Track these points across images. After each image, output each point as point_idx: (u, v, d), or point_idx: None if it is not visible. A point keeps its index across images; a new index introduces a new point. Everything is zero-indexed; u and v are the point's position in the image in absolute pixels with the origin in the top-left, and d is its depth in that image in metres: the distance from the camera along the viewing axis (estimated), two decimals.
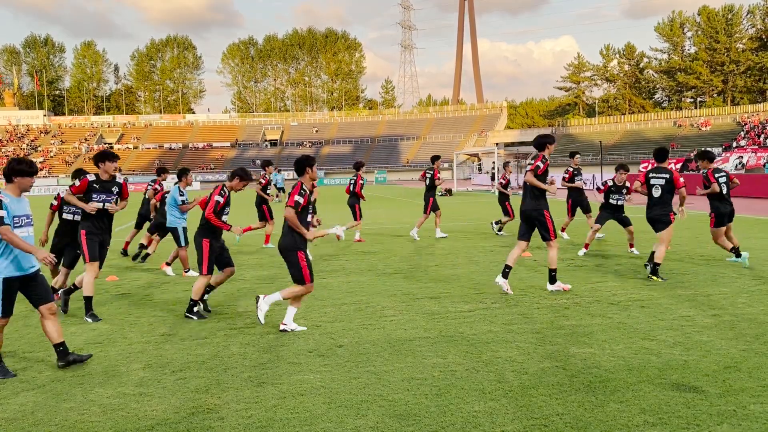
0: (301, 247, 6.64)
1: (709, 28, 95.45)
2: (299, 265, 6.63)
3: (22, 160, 5.58)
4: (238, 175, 7.67)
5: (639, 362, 5.37)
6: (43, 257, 5.34)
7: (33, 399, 4.91)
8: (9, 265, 5.38)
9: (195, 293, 7.40)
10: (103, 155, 7.70)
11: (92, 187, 7.53)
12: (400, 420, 4.29)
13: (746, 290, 8.19)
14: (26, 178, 5.56)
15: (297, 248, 6.63)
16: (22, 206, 5.55)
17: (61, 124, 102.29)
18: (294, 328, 6.73)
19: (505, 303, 7.82)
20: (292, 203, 6.53)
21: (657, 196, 9.23)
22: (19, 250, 5.34)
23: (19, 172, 5.52)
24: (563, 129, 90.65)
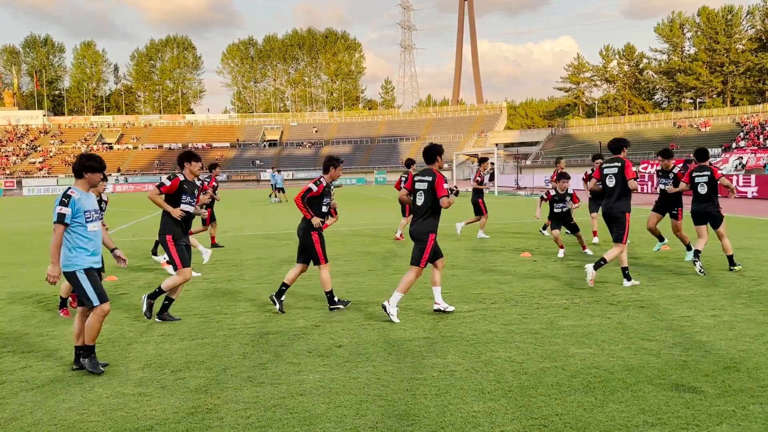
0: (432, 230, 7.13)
1: (708, 29, 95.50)
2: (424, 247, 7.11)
3: (92, 156, 5.62)
4: (333, 165, 7.75)
5: (638, 362, 5.37)
6: (52, 274, 5.33)
7: (32, 399, 4.91)
8: (88, 256, 5.48)
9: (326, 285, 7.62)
10: (190, 155, 7.53)
11: (182, 188, 7.33)
12: (400, 420, 4.29)
13: (745, 291, 8.19)
14: (96, 174, 5.61)
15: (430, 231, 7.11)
16: (91, 201, 5.60)
17: (61, 124, 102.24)
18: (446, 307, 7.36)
19: (504, 303, 7.82)
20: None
21: (703, 193, 9.82)
22: (53, 248, 5.36)
23: (89, 168, 5.56)
24: (563, 130, 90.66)
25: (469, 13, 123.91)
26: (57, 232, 5.35)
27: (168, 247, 7.21)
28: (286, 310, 7.69)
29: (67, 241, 5.43)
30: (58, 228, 5.35)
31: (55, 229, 5.35)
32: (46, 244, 16.12)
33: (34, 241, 17.09)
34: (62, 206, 5.35)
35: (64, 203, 5.36)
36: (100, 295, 5.49)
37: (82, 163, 5.55)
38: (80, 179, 5.60)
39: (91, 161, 5.57)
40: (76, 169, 5.56)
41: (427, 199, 7.13)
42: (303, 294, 8.78)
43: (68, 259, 5.44)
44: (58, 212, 5.35)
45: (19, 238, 18.32)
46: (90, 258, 5.51)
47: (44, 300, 8.84)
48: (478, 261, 11.48)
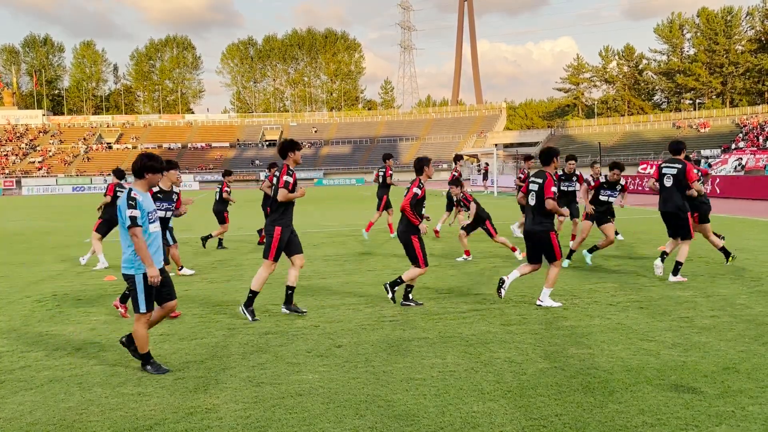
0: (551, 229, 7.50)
1: (708, 30, 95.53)
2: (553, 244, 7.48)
3: (153, 156, 5.60)
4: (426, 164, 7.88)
5: (638, 363, 5.37)
6: (152, 276, 5.34)
7: (31, 398, 4.90)
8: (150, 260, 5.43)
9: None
10: (293, 144, 7.46)
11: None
12: (399, 420, 4.29)
13: (745, 291, 8.19)
14: (157, 174, 5.59)
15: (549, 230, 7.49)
16: (150, 202, 5.57)
17: (60, 123, 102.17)
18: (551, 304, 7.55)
19: (503, 303, 7.82)
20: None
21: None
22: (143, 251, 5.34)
23: (151, 168, 5.53)
24: (562, 130, 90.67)
25: (468, 13, 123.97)
26: (137, 235, 5.28)
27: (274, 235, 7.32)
28: (282, 311, 7.68)
29: (131, 243, 5.39)
30: (135, 231, 5.29)
31: (135, 233, 5.28)
32: (46, 244, 16.12)
33: (34, 241, 17.08)
34: (131, 209, 5.30)
35: (132, 205, 5.31)
36: (149, 304, 5.45)
37: (144, 164, 5.51)
38: (140, 179, 5.56)
39: (152, 161, 5.54)
40: (137, 170, 5.52)
41: (539, 199, 7.51)
42: (302, 295, 8.78)
43: (130, 261, 5.40)
44: (129, 216, 5.28)
45: (18, 237, 18.31)
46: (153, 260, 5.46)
47: (43, 300, 8.84)
48: (478, 261, 11.48)
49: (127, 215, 5.29)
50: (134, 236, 5.29)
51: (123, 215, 5.33)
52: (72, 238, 17.30)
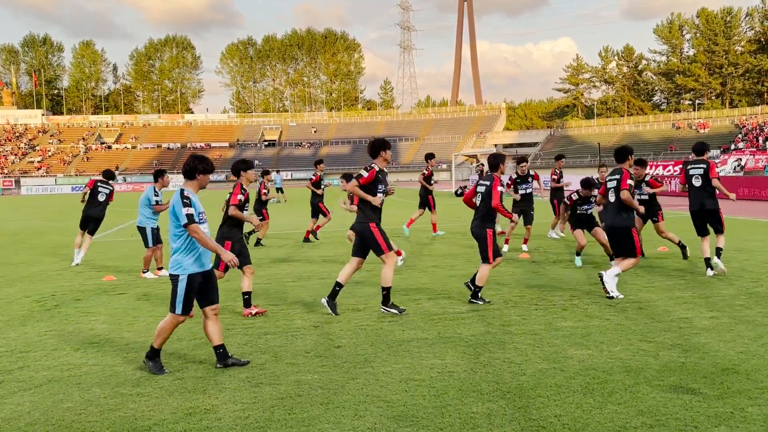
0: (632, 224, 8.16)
1: (707, 31, 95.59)
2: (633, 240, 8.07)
3: (204, 158, 5.62)
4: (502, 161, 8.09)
5: (637, 364, 5.37)
6: (229, 258, 5.37)
7: (30, 399, 4.90)
8: (194, 262, 5.42)
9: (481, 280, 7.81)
10: (384, 143, 7.60)
11: (378, 178, 7.45)
12: (398, 421, 4.29)
13: (744, 292, 8.19)
14: (207, 176, 5.61)
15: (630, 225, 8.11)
16: (199, 203, 5.58)
17: (60, 123, 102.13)
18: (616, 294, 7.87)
19: (502, 304, 7.82)
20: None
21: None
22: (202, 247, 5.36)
23: (203, 170, 5.55)
24: (562, 131, 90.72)
25: (468, 13, 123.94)
26: (196, 231, 5.29)
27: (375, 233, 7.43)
28: (283, 311, 7.68)
29: (184, 243, 5.38)
30: (194, 227, 5.29)
31: (193, 230, 5.28)
32: (44, 244, 16.11)
33: (32, 241, 17.07)
34: (186, 207, 5.30)
35: (187, 204, 5.32)
36: (185, 308, 5.44)
37: (195, 165, 5.52)
38: (191, 180, 5.56)
39: (204, 163, 5.55)
40: (189, 171, 5.52)
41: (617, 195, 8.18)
42: (301, 295, 8.77)
43: (177, 262, 5.40)
44: (186, 213, 5.28)
45: (17, 237, 18.30)
46: (198, 262, 5.44)
47: (42, 300, 8.83)
48: (477, 262, 11.46)
49: (183, 213, 5.29)
50: (194, 233, 5.30)
51: (179, 214, 5.32)
52: (71, 238, 17.27)
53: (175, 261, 5.41)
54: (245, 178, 7.72)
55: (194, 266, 5.42)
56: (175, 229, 5.39)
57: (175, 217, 5.36)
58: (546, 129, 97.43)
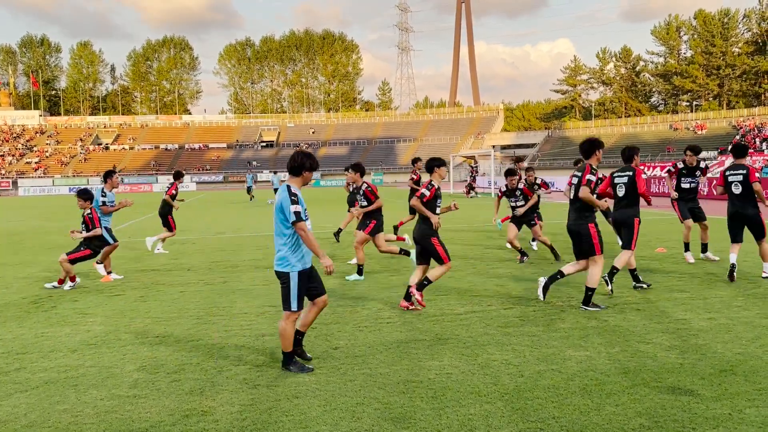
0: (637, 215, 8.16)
1: (705, 32, 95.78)
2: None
3: (310, 155, 5.59)
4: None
5: (635, 365, 5.37)
6: (328, 265, 5.36)
7: (26, 401, 4.88)
8: (301, 259, 5.43)
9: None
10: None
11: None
12: (396, 423, 4.27)
13: (742, 293, 8.20)
14: (312, 173, 5.62)
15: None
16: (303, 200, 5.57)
17: (57, 124, 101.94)
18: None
19: (500, 305, 7.81)
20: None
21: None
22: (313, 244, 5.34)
23: (310, 167, 5.55)
24: (559, 132, 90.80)
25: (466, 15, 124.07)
26: (303, 229, 5.29)
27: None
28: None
29: (290, 240, 5.38)
30: (301, 225, 5.28)
31: (300, 227, 5.28)
32: (42, 245, 16.06)
33: (29, 242, 17.03)
34: (294, 204, 5.29)
35: (294, 201, 5.31)
36: (300, 303, 5.44)
37: (303, 162, 5.50)
38: (297, 177, 5.54)
39: (310, 160, 5.54)
40: (296, 167, 5.50)
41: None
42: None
43: (285, 259, 5.39)
44: (293, 211, 5.26)
45: (15, 238, 18.25)
46: (304, 259, 5.46)
47: (38, 301, 8.81)
48: (475, 263, 11.46)
49: (291, 211, 5.27)
50: (301, 231, 5.29)
51: (287, 212, 5.30)
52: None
53: (282, 259, 5.40)
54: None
55: (301, 263, 5.43)
56: (282, 227, 5.38)
57: (283, 215, 5.35)
58: (544, 130, 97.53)
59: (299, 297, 5.42)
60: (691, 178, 10.97)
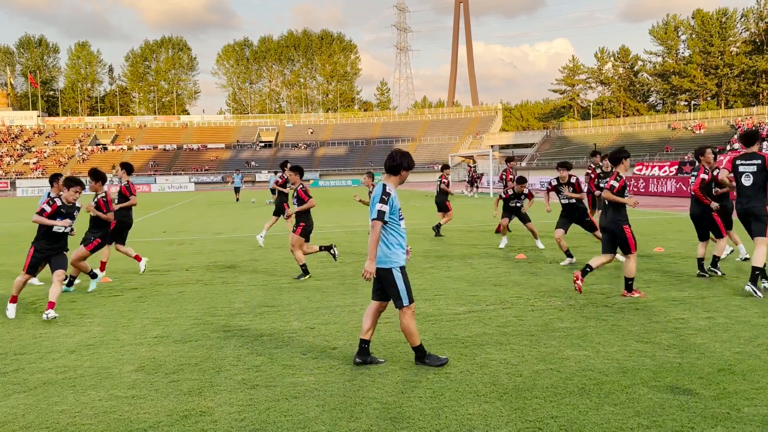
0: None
1: (703, 32, 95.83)
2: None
3: (407, 154, 5.61)
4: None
5: (633, 365, 5.37)
6: (367, 270, 5.35)
7: (24, 401, 4.87)
8: (400, 254, 5.48)
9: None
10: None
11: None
12: (394, 423, 4.27)
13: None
14: (409, 172, 5.65)
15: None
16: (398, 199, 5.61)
17: (55, 124, 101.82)
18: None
19: (499, 305, 7.81)
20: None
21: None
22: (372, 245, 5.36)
23: (407, 166, 5.56)
24: (558, 131, 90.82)
25: (464, 15, 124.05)
26: (376, 228, 5.32)
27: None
28: (280, 311, 7.67)
29: (386, 238, 5.42)
30: (377, 225, 5.31)
31: (374, 225, 5.31)
32: None
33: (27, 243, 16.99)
34: (382, 203, 5.32)
35: (384, 201, 5.33)
36: (410, 296, 5.47)
37: (401, 162, 5.51)
38: (395, 176, 5.55)
39: (408, 160, 5.56)
40: (394, 167, 5.51)
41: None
42: (296, 296, 8.75)
43: (386, 256, 5.43)
44: (378, 209, 5.30)
45: (13, 239, 18.23)
46: (404, 256, 5.50)
47: (37, 302, 8.79)
48: (474, 263, 11.46)
49: (376, 209, 5.31)
50: (373, 228, 5.32)
51: (372, 209, 5.35)
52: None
53: (385, 255, 5.44)
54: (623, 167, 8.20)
55: (401, 259, 5.48)
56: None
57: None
58: (542, 130, 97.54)
59: (407, 290, 5.46)
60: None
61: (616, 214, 8.14)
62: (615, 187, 8.10)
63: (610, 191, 8.12)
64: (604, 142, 77.82)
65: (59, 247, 8.26)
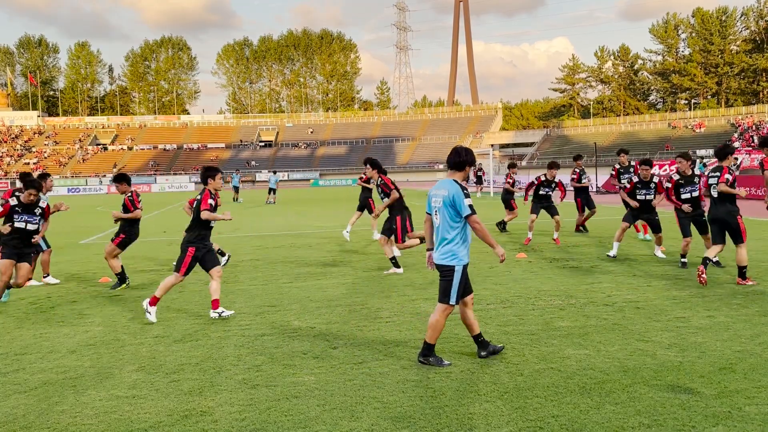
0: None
1: (703, 30, 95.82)
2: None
3: (470, 150, 5.68)
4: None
5: (634, 364, 5.37)
6: (502, 253, 5.49)
7: (24, 402, 4.87)
8: (467, 252, 5.56)
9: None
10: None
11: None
12: (395, 422, 4.27)
13: (741, 291, 8.20)
14: (471, 167, 5.74)
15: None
16: None
17: (55, 124, 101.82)
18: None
19: (500, 304, 7.81)
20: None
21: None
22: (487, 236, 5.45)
23: (471, 162, 5.65)
24: (558, 130, 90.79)
25: (464, 14, 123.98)
26: (478, 222, 5.41)
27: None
28: (281, 311, 7.67)
29: (460, 233, 5.49)
30: (476, 218, 5.41)
31: (475, 219, 5.40)
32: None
33: None
34: (467, 198, 5.43)
35: (467, 195, 5.45)
36: (459, 297, 5.53)
37: (466, 159, 5.60)
38: (460, 172, 5.64)
39: (471, 155, 5.65)
40: (460, 163, 5.60)
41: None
42: (297, 296, 8.75)
43: (452, 253, 5.48)
44: (468, 204, 5.40)
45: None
46: (468, 253, 5.58)
47: (37, 302, 8.79)
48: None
49: (466, 204, 5.40)
50: (477, 224, 5.40)
51: (461, 205, 5.41)
52: (66, 239, 17.21)
53: (449, 252, 5.48)
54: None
55: (467, 257, 5.54)
56: (451, 221, 5.46)
57: (453, 209, 5.44)
58: (542, 129, 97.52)
59: (459, 291, 5.51)
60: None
61: (732, 206, 8.78)
62: (729, 180, 8.76)
63: (726, 184, 8.73)
64: (605, 141, 77.80)
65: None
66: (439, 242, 5.57)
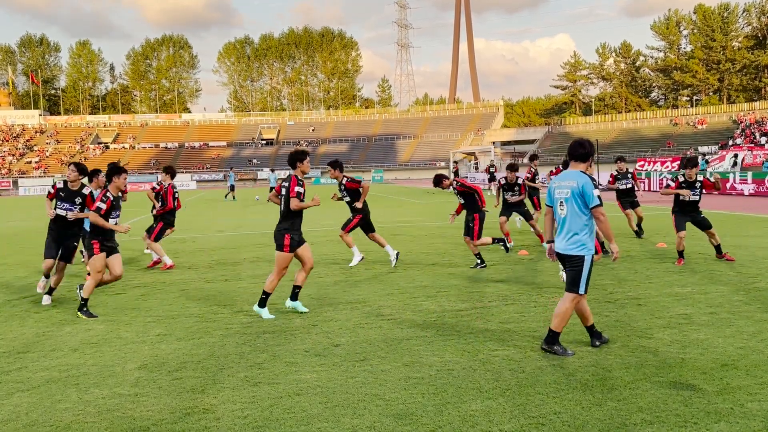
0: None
1: (705, 27, 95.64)
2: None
3: (592, 143, 5.80)
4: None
5: (636, 360, 5.36)
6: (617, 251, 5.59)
7: (28, 400, 4.88)
8: (593, 242, 5.62)
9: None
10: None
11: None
12: (397, 419, 4.27)
13: (743, 288, 8.19)
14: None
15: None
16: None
17: (57, 123, 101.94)
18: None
19: (501, 301, 7.81)
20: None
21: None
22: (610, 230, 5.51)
23: (593, 154, 5.78)
24: (560, 128, 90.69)
25: (465, 11, 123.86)
26: (604, 213, 5.48)
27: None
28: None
29: (585, 224, 5.54)
30: (602, 209, 5.50)
31: (601, 211, 5.49)
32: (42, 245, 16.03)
33: (30, 242, 17.02)
34: (596, 188, 5.53)
35: (596, 185, 5.56)
36: (588, 286, 5.61)
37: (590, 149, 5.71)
38: (584, 163, 5.76)
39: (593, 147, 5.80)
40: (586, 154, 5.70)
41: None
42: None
43: (582, 243, 5.54)
44: (597, 195, 5.49)
45: (15, 238, 18.26)
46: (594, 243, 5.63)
47: (40, 300, 8.80)
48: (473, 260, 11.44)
49: (595, 195, 5.49)
50: (602, 215, 5.48)
51: (590, 196, 5.48)
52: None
53: (578, 242, 5.55)
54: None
55: (594, 247, 5.60)
56: (580, 211, 5.55)
57: (582, 199, 5.50)
58: (544, 126, 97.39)
59: (588, 280, 5.58)
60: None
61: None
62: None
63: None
64: (606, 138, 77.71)
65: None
66: (565, 233, 5.63)
